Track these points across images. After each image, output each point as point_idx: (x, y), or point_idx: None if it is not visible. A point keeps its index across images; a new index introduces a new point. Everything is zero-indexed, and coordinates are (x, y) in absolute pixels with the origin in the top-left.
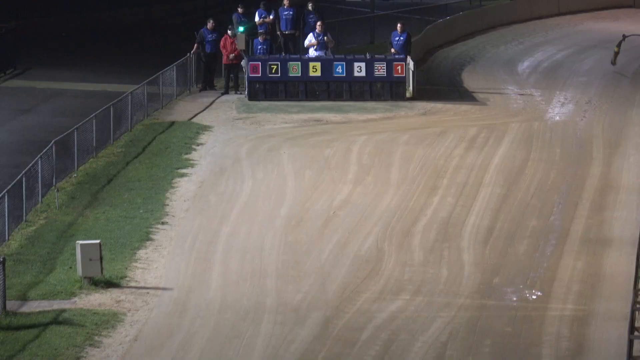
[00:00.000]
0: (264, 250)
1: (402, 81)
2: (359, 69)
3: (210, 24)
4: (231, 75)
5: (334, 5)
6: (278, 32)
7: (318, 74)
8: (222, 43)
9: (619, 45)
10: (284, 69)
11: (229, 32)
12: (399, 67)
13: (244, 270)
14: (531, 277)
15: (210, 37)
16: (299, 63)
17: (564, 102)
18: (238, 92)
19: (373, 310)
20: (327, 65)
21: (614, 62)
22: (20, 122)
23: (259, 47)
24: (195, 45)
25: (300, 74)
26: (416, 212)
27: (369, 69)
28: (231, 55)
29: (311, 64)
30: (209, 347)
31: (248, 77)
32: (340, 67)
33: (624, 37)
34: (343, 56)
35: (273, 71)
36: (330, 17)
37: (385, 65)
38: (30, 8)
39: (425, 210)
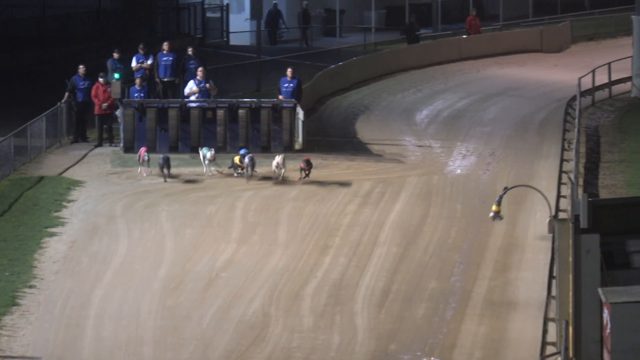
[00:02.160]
0: (140, 316)
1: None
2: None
3: (81, 70)
4: (105, 126)
5: (216, 50)
6: (157, 80)
7: None
8: (93, 92)
9: (499, 202)
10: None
11: (100, 79)
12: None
13: (118, 337)
14: (430, 343)
15: (82, 84)
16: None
17: (465, 154)
18: (113, 144)
19: None
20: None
21: (495, 218)
22: None
23: (136, 95)
24: (67, 93)
25: None
26: (306, 273)
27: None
28: (104, 105)
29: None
30: None
31: (124, 127)
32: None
33: (506, 189)
34: (226, 104)
35: None
36: (213, 62)
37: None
38: None
39: (316, 271)
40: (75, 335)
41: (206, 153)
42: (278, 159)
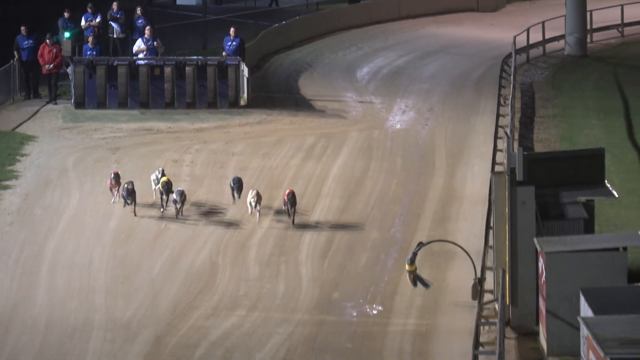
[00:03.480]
0: (92, 265)
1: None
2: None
3: (23, 30)
4: (52, 81)
5: (164, 9)
6: (110, 35)
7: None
8: (39, 52)
9: (411, 262)
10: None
11: (47, 40)
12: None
13: (71, 286)
14: (372, 291)
15: (26, 43)
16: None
17: (405, 110)
18: (53, 102)
19: (207, 327)
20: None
21: (414, 282)
22: None
23: (88, 52)
24: (15, 52)
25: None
26: (251, 224)
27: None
28: (49, 66)
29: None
30: None
31: (75, 84)
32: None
33: (420, 245)
34: (173, 62)
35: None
36: (160, 22)
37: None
38: None
39: (261, 222)
40: (29, 285)
41: (159, 177)
42: (252, 199)
